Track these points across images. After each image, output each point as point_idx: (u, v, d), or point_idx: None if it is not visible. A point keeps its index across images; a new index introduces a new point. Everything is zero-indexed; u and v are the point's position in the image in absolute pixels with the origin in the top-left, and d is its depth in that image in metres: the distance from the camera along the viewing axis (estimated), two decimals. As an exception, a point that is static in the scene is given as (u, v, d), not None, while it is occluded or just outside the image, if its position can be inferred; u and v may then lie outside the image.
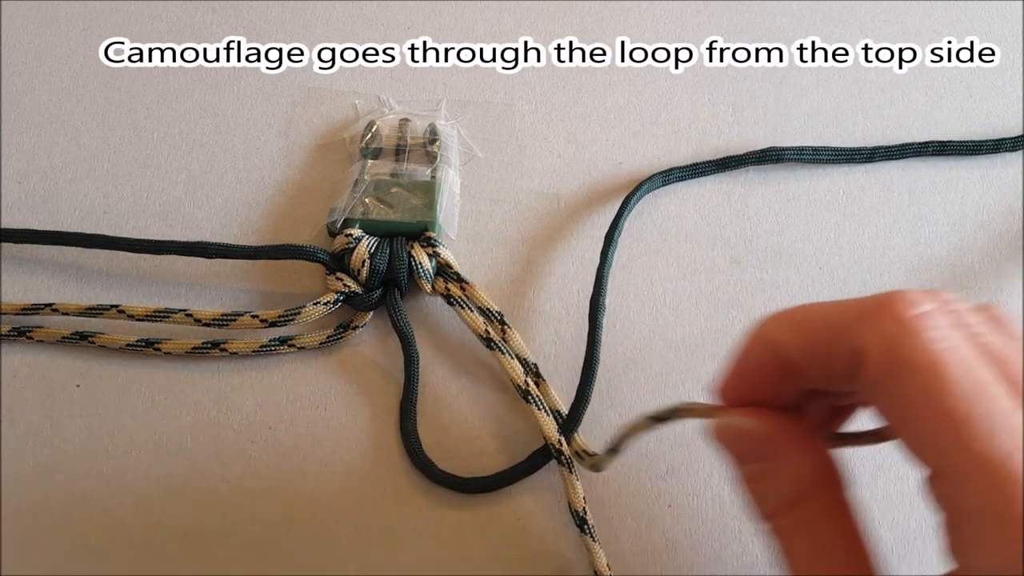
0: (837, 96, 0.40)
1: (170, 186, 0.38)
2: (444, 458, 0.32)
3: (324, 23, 0.42)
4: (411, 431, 0.32)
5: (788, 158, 0.38)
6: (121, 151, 0.38)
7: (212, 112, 0.39)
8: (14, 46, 0.41)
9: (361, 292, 0.34)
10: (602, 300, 0.34)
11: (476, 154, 0.39)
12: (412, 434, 0.32)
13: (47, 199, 0.37)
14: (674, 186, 0.38)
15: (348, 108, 0.39)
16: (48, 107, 0.39)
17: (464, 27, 0.42)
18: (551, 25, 0.42)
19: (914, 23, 0.42)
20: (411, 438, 0.32)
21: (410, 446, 0.32)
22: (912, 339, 0.20)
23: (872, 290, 0.36)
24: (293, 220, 0.37)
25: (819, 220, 0.37)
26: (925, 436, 0.20)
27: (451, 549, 0.31)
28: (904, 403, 0.20)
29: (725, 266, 0.36)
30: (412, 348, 0.33)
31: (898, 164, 0.38)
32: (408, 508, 0.31)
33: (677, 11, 0.42)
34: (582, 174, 0.38)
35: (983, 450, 0.19)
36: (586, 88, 0.40)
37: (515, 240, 0.37)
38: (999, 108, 0.40)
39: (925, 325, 0.20)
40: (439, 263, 0.34)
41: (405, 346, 0.33)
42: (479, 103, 0.40)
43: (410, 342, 0.33)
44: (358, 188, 0.36)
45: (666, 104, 0.40)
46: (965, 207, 0.38)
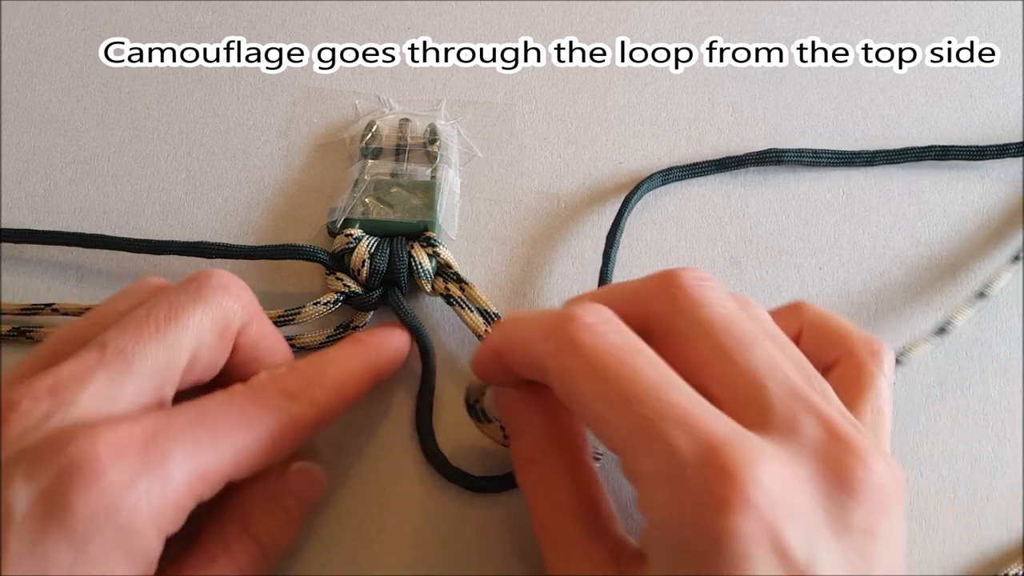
0: (837, 96, 0.40)
1: (170, 186, 0.38)
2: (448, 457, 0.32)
3: (324, 23, 0.42)
4: (427, 425, 0.32)
5: (788, 160, 0.38)
6: (121, 151, 0.38)
7: (212, 112, 0.39)
8: (14, 46, 0.41)
9: (361, 292, 0.34)
10: None
11: (476, 154, 0.39)
12: (427, 426, 0.32)
13: (47, 199, 0.37)
14: (674, 186, 0.38)
15: (348, 108, 0.39)
16: (48, 107, 0.39)
17: (464, 27, 0.42)
18: (551, 25, 0.42)
19: (914, 23, 0.42)
20: (426, 429, 0.32)
21: (425, 438, 0.32)
22: (573, 349, 0.24)
23: (872, 290, 0.36)
24: (293, 220, 0.37)
25: (819, 220, 0.37)
26: (602, 423, 0.23)
27: (456, 546, 0.31)
28: (580, 400, 0.24)
29: (725, 266, 0.36)
30: (425, 339, 0.33)
31: (899, 165, 0.38)
32: (417, 504, 0.31)
33: (677, 11, 0.42)
34: (582, 174, 0.38)
35: (640, 422, 0.22)
36: (586, 88, 0.40)
37: (515, 240, 0.37)
38: (999, 108, 0.40)
39: (584, 334, 0.24)
40: (439, 263, 0.34)
41: (418, 338, 0.33)
42: (479, 103, 0.40)
43: (422, 333, 0.33)
44: (358, 188, 0.36)
45: (666, 104, 0.40)
46: (965, 207, 0.38)
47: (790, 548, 0.21)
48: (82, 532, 0.22)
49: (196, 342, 0.26)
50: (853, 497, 0.22)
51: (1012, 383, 0.34)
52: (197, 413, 0.25)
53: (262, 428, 0.25)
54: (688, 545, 0.21)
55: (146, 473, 0.23)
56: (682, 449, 0.21)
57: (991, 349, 0.35)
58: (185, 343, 0.25)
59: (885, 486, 0.23)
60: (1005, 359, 0.35)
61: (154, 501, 0.23)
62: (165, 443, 0.23)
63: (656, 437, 0.22)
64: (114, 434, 0.23)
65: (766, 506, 0.21)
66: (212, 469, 0.24)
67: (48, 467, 0.22)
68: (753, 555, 0.21)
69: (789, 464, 0.22)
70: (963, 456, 0.33)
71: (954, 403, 0.34)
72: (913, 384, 0.34)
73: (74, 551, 0.22)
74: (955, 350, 0.35)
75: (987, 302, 0.35)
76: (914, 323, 0.35)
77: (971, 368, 0.34)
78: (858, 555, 0.22)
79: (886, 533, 0.22)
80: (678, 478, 0.21)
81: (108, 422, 0.23)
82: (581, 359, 0.23)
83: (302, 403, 0.26)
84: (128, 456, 0.23)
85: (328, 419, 0.28)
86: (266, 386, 0.27)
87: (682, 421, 0.22)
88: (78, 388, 0.24)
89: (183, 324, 0.26)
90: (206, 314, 0.26)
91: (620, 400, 0.23)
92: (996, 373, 0.34)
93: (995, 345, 0.35)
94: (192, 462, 0.23)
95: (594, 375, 0.23)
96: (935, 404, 0.34)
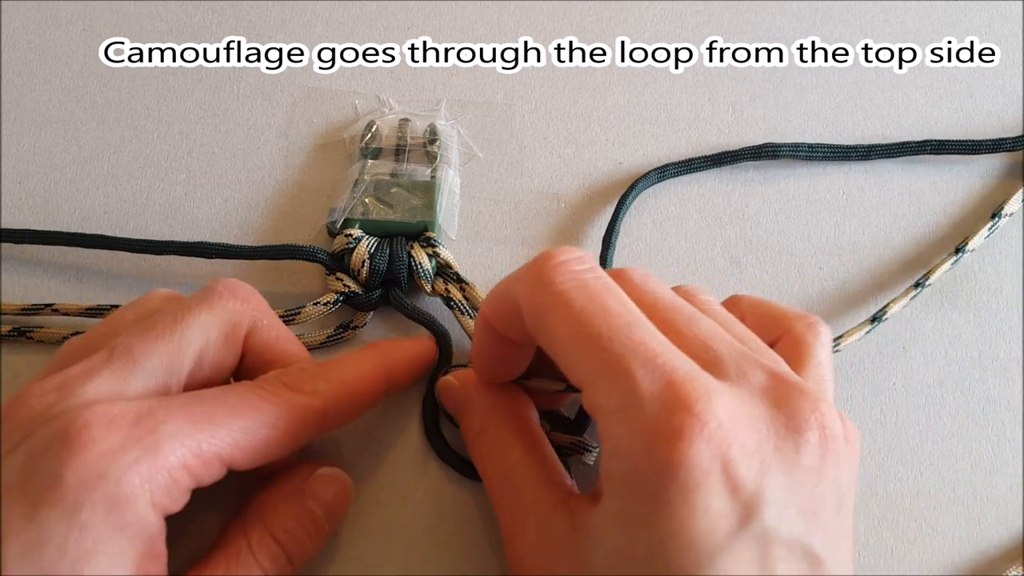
0: (837, 96, 0.40)
1: (170, 186, 0.38)
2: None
3: (324, 23, 0.42)
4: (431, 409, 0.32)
5: (784, 154, 0.38)
6: (121, 151, 0.38)
7: (212, 112, 0.39)
8: (14, 46, 0.41)
9: (361, 292, 0.34)
10: None
11: (476, 154, 0.39)
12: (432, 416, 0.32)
13: (47, 199, 0.37)
14: (674, 186, 0.38)
15: (348, 108, 0.39)
16: (48, 107, 0.39)
17: (464, 27, 0.42)
18: (551, 25, 0.42)
19: (914, 23, 0.42)
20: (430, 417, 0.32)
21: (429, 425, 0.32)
22: (545, 285, 0.24)
23: (872, 290, 0.36)
24: (293, 220, 0.37)
25: (819, 220, 0.37)
26: (569, 358, 0.24)
27: (463, 535, 0.31)
28: (549, 337, 0.24)
29: (725, 266, 0.36)
30: (437, 326, 0.33)
31: (898, 164, 0.38)
32: (424, 495, 0.31)
33: (677, 11, 0.42)
34: (582, 174, 0.38)
35: (605, 358, 0.23)
36: (586, 88, 0.40)
37: (515, 240, 0.37)
38: (999, 108, 0.40)
39: (556, 272, 0.24)
40: (439, 263, 0.34)
41: (430, 327, 0.33)
42: (479, 103, 0.40)
43: (432, 321, 0.33)
44: (358, 188, 0.36)
45: (666, 104, 0.40)
46: (965, 207, 0.38)
47: (739, 478, 0.22)
48: (72, 500, 0.22)
49: (202, 342, 0.26)
50: (802, 435, 0.23)
51: (1012, 383, 0.34)
52: (195, 396, 0.25)
53: (263, 415, 0.25)
54: (642, 475, 0.22)
55: (136, 442, 0.23)
56: (642, 384, 0.22)
57: (991, 349, 0.35)
58: (191, 342, 0.26)
59: (834, 429, 0.23)
60: (1005, 359, 0.35)
61: (144, 471, 0.23)
62: (158, 418, 0.24)
63: (619, 372, 0.23)
64: (107, 408, 0.24)
65: (718, 438, 0.22)
66: (208, 448, 0.24)
67: (41, 439, 0.23)
68: (703, 484, 0.21)
69: (743, 403, 0.23)
70: (963, 456, 0.33)
71: (954, 403, 0.34)
72: (913, 384, 0.34)
73: (66, 519, 0.22)
74: (955, 350, 0.35)
75: (988, 302, 0.35)
76: (915, 323, 0.35)
77: (971, 368, 0.34)
78: (806, 491, 0.23)
79: (833, 477, 0.23)
80: (636, 410, 0.22)
81: (105, 400, 0.24)
82: (553, 296, 0.24)
83: (305, 394, 0.27)
84: (119, 427, 0.23)
85: (335, 415, 0.28)
86: (269, 379, 0.27)
87: (645, 358, 0.23)
88: (84, 382, 0.25)
89: (188, 325, 0.26)
90: (211, 316, 0.27)
91: (587, 336, 0.23)
92: (996, 373, 0.34)
93: (995, 345, 0.35)
94: (186, 438, 0.24)
95: (563, 312, 0.24)
96: (935, 404, 0.34)
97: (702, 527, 0.21)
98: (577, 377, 0.24)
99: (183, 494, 0.24)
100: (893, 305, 0.34)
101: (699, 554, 0.21)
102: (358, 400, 0.29)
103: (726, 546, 0.21)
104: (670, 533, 0.22)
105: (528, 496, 0.26)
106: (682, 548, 0.21)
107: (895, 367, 0.34)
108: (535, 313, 0.25)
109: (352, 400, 0.28)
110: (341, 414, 0.28)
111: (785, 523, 0.22)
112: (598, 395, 0.23)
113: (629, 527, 0.22)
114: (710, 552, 0.21)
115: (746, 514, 0.22)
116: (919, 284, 0.34)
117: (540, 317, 0.24)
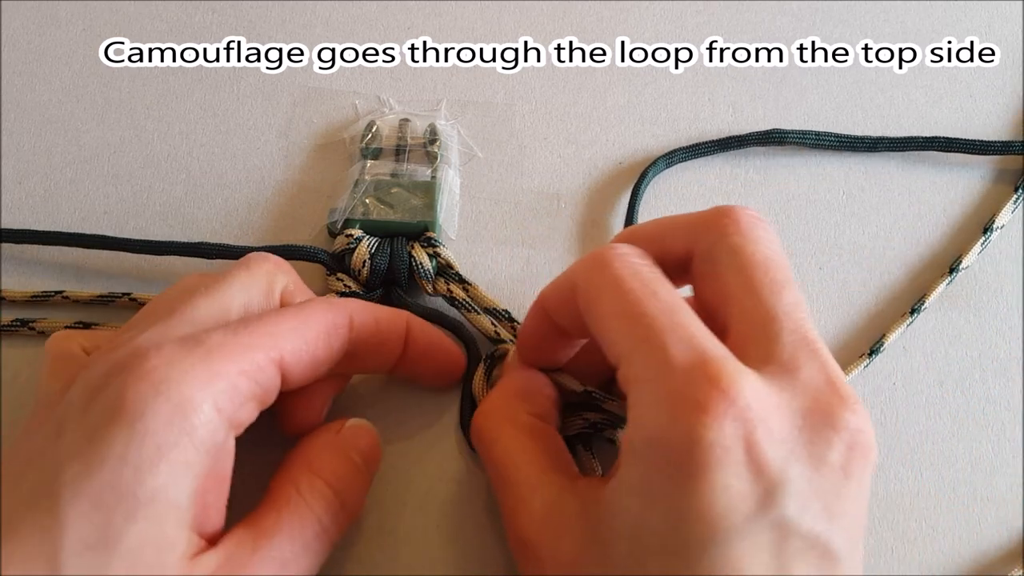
0: (837, 96, 0.40)
1: (170, 186, 0.38)
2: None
3: (324, 23, 0.42)
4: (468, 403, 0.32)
5: (791, 140, 0.38)
6: (121, 151, 0.38)
7: (212, 112, 0.39)
8: (14, 46, 0.41)
9: (362, 293, 0.34)
10: None
11: (476, 154, 0.39)
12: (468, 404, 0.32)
13: (47, 199, 0.37)
14: (675, 186, 0.38)
15: (348, 108, 0.39)
16: (48, 107, 0.39)
17: (464, 27, 0.42)
18: (551, 25, 0.42)
19: (914, 23, 0.42)
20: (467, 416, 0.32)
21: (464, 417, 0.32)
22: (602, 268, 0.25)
23: (872, 290, 0.36)
24: (293, 220, 0.37)
25: (819, 220, 0.37)
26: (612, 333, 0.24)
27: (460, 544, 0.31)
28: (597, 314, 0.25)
29: (725, 266, 0.36)
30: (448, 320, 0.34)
31: (899, 164, 0.38)
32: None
33: (677, 11, 0.42)
34: (582, 174, 0.38)
35: (645, 333, 0.23)
36: (586, 88, 0.40)
37: (515, 240, 0.37)
38: (999, 108, 0.40)
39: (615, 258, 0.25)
40: (439, 263, 0.34)
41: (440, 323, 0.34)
42: (479, 103, 0.40)
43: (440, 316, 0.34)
44: (358, 188, 0.36)
45: (666, 104, 0.40)
46: (965, 207, 0.38)
47: (764, 462, 0.21)
48: (133, 410, 0.22)
49: (245, 297, 0.28)
50: (837, 433, 0.23)
51: (1012, 383, 0.34)
52: (240, 319, 0.26)
53: (301, 317, 0.27)
54: (664, 445, 0.22)
55: (189, 353, 0.24)
56: (676, 357, 0.22)
57: (991, 349, 0.35)
58: (234, 296, 0.27)
59: (866, 435, 0.23)
60: (1005, 359, 0.35)
61: (203, 375, 0.23)
62: (204, 333, 0.25)
63: (656, 345, 0.23)
64: (154, 335, 0.25)
65: (745, 417, 0.22)
66: (258, 352, 0.25)
67: (96, 374, 0.24)
68: (723, 461, 0.21)
69: (779, 393, 0.23)
70: (963, 456, 0.33)
71: (954, 403, 0.34)
72: (913, 384, 0.34)
73: (127, 428, 0.22)
74: (955, 350, 0.35)
75: (988, 302, 0.35)
76: (915, 323, 0.35)
77: (971, 368, 0.34)
78: (831, 488, 0.22)
79: (859, 481, 0.23)
80: (666, 380, 0.22)
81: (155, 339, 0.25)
82: (607, 277, 0.25)
83: (334, 307, 0.28)
84: (168, 345, 0.24)
85: (360, 331, 0.28)
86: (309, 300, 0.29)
87: (684, 337, 0.23)
88: (133, 335, 0.25)
89: (230, 283, 0.28)
90: (251, 275, 0.28)
91: (632, 314, 0.24)
92: (996, 373, 0.34)
93: (995, 345, 0.35)
94: (234, 344, 0.25)
95: (614, 291, 0.24)
96: (935, 404, 0.34)
97: (720, 505, 0.21)
98: (616, 352, 0.24)
99: (246, 402, 0.25)
100: (889, 335, 0.34)
101: (715, 532, 0.21)
102: (381, 332, 0.29)
103: (743, 528, 0.21)
104: (687, 507, 0.21)
105: (534, 477, 0.26)
106: (698, 524, 0.21)
107: (895, 367, 0.34)
108: (589, 292, 0.25)
109: (375, 329, 0.29)
110: (363, 340, 0.28)
111: (808, 516, 0.22)
112: (633, 367, 0.23)
113: (647, 499, 0.22)
114: (726, 531, 0.21)
115: (767, 499, 0.21)
116: (914, 310, 0.35)
117: (592, 296, 0.25)
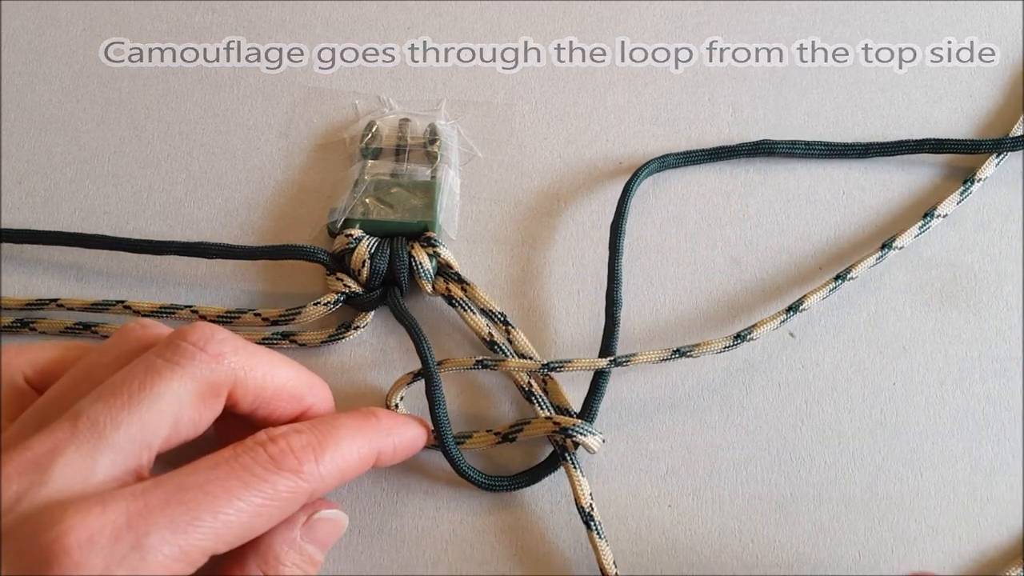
0: (837, 96, 0.40)
1: (170, 186, 0.38)
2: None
3: (324, 23, 0.42)
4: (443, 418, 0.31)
5: (780, 152, 0.38)
6: (121, 151, 0.38)
7: (212, 112, 0.39)
8: (14, 46, 0.41)
9: (361, 292, 0.34)
10: (618, 295, 0.34)
11: (476, 154, 0.39)
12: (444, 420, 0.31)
13: (47, 199, 0.37)
14: (673, 187, 0.38)
15: (348, 108, 0.39)
16: (48, 107, 0.39)
17: (464, 27, 0.42)
18: (551, 25, 0.42)
19: (914, 23, 0.42)
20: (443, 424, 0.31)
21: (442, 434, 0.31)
22: None
23: (872, 290, 0.36)
24: (293, 220, 0.37)
25: (819, 220, 0.37)
26: None
27: (459, 545, 0.31)
28: None
29: (725, 266, 0.36)
30: (417, 332, 0.32)
31: (898, 164, 0.38)
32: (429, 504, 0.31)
33: (677, 11, 0.42)
34: (582, 174, 0.38)
35: None
36: (586, 88, 0.40)
37: (515, 240, 0.37)
38: (999, 108, 0.40)
39: None
40: (439, 263, 0.34)
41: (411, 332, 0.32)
42: (479, 103, 0.40)
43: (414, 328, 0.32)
44: (358, 188, 0.36)
45: (666, 104, 0.40)
46: (964, 207, 0.38)
47: None
48: None
49: (175, 408, 0.25)
50: None
51: (1012, 383, 0.34)
52: (176, 488, 0.24)
53: (247, 505, 0.24)
54: None
55: (121, 562, 0.22)
56: None
57: (991, 349, 0.35)
58: (163, 410, 0.25)
59: None
60: (1005, 359, 0.35)
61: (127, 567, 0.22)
62: (140, 527, 0.23)
63: None
64: (85, 523, 0.22)
65: None
66: (192, 547, 0.23)
67: (22, 559, 0.22)
68: None
69: None
70: (963, 456, 0.33)
71: (954, 403, 0.34)
72: (913, 384, 0.34)
73: None
74: (955, 350, 0.35)
75: (988, 302, 0.35)
76: (914, 323, 0.35)
77: (971, 368, 0.34)
78: None
79: None
80: None
81: (81, 506, 0.23)
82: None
83: (292, 475, 0.25)
84: (101, 546, 0.22)
85: (319, 493, 0.26)
86: (255, 453, 0.25)
87: None
88: (50, 464, 0.23)
89: (158, 393, 0.25)
90: (184, 379, 0.25)
91: None
92: (996, 373, 0.34)
93: (995, 345, 0.35)
94: (169, 543, 0.23)
95: None
96: (935, 404, 0.34)
97: None
98: None
99: None
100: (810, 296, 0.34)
101: None
102: (345, 480, 0.27)
103: None
104: None
105: None
106: None
107: (895, 367, 0.34)
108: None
109: (340, 481, 0.27)
110: (326, 491, 0.27)
111: None
112: None
113: None
114: None
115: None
116: (839, 277, 0.34)
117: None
